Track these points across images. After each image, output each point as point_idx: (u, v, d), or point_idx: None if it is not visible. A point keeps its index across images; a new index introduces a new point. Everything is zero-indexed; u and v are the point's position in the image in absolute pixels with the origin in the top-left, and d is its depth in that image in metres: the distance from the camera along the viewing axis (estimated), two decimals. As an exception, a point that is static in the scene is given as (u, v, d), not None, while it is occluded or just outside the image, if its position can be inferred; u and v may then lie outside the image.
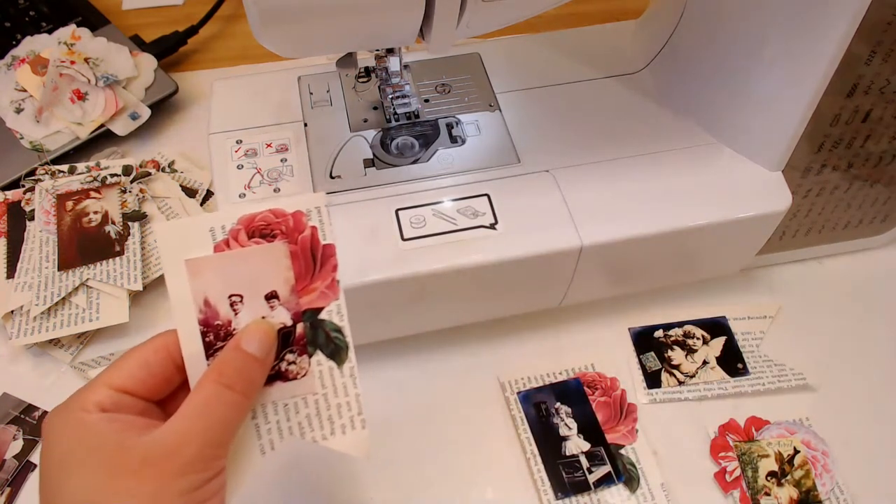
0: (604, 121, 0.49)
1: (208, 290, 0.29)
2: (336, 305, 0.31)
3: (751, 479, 0.45)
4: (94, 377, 0.30)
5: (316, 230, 0.30)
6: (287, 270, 0.30)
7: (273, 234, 0.30)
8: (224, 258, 0.29)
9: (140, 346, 0.30)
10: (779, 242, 0.52)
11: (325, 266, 0.30)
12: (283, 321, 0.30)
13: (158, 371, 0.30)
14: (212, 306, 0.29)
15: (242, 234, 0.30)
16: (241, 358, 0.29)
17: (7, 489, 0.45)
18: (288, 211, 0.30)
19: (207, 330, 0.29)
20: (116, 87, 0.59)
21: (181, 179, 0.57)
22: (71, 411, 0.28)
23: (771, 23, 0.41)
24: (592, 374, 0.49)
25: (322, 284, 0.30)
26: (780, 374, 0.50)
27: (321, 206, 0.30)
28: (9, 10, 0.65)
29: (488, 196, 0.44)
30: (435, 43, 0.37)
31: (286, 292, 0.30)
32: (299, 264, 0.30)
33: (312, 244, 0.30)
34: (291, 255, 0.30)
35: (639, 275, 0.49)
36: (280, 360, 0.30)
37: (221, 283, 0.29)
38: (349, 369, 0.31)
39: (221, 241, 0.29)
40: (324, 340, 0.31)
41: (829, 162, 0.47)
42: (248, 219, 0.30)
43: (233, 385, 0.28)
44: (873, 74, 0.42)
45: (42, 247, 0.51)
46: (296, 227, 0.30)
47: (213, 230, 0.29)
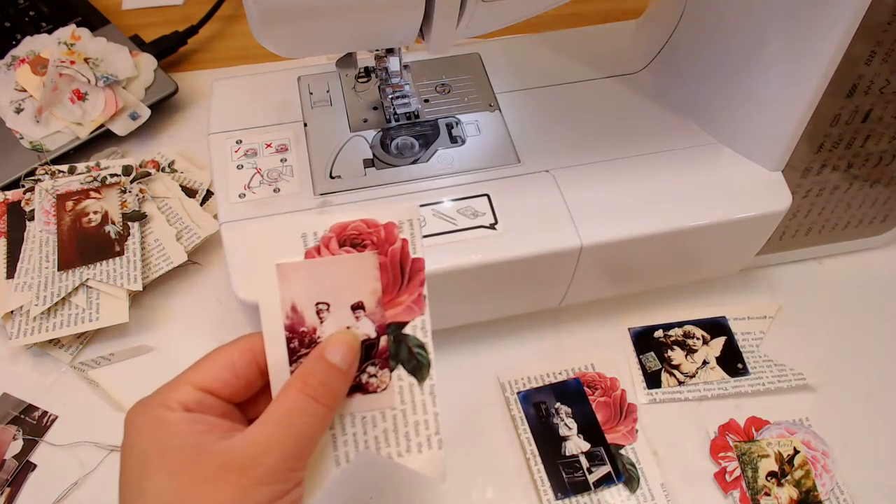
0: (604, 121, 0.49)
1: (296, 296, 0.29)
2: (421, 321, 0.30)
3: (751, 480, 0.45)
4: (179, 375, 0.29)
5: (406, 243, 0.30)
6: (375, 282, 0.29)
7: (364, 243, 0.29)
8: (314, 265, 0.29)
9: (226, 347, 0.30)
10: (779, 242, 0.52)
11: (413, 280, 0.30)
12: (367, 333, 0.30)
13: (243, 374, 0.29)
14: (298, 312, 0.29)
15: (334, 242, 0.29)
16: (326, 368, 0.29)
17: (7, 489, 0.45)
18: (381, 221, 0.29)
19: (293, 336, 0.29)
20: (116, 87, 0.59)
21: (181, 179, 0.57)
22: (153, 407, 0.28)
23: (771, 23, 0.41)
24: (592, 374, 0.49)
25: (409, 298, 0.30)
26: (780, 374, 0.50)
27: (414, 218, 0.30)
28: (9, 10, 0.65)
29: (488, 196, 0.44)
30: (435, 43, 0.37)
31: (372, 304, 0.30)
32: (387, 276, 0.30)
33: (402, 257, 0.30)
34: (380, 267, 0.30)
35: (639, 275, 0.49)
36: (361, 373, 0.30)
37: (309, 290, 0.29)
38: (429, 387, 0.31)
39: (312, 248, 0.29)
40: (406, 355, 0.30)
41: (829, 162, 0.47)
42: (341, 227, 0.29)
43: (317, 396, 0.28)
44: (873, 74, 0.42)
45: (42, 247, 0.51)
46: (387, 238, 0.30)
47: (304, 236, 0.29)
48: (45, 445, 0.46)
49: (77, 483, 0.45)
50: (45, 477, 0.45)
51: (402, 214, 0.30)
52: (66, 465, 0.46)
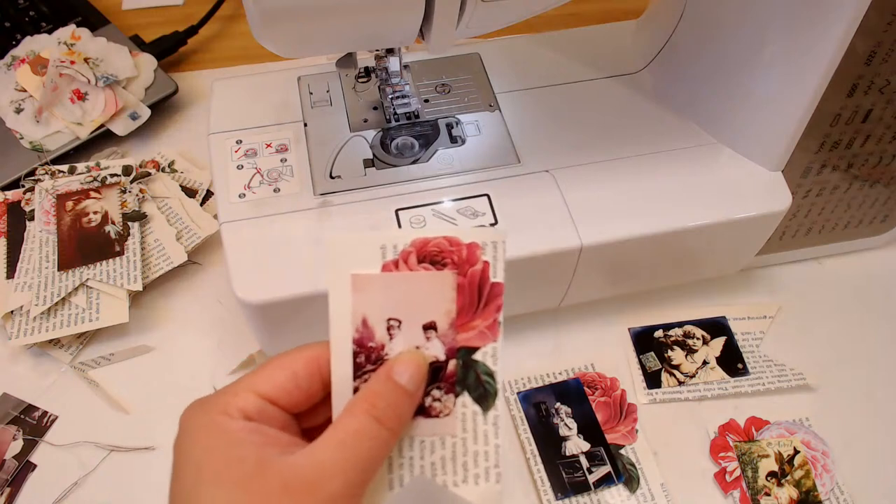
0: (604, 121, 0.49)
1: (368, 310, 0.28)
2: (492, 348, 0.29)
3: (751, 480, 0.45)
4: (240, 380, 0.28)
5: (488, 266, 0.29)
6: (451, 303, 0.28)
7: (444, 262, 0.28)
8: (391, 279, 0.28)
9: (289, 356, 0.29)
10: (779, 242, 0.52)
11: (490, 305, 0.29)
12: (436, 355, 0.29)
13: (305, 384, 0.28)
14: (369, 327, 0.28)
15: (413, 258, 0.28)
16: (394, 390, 0.28)
17: (7, 489, 0.45)
18: (464, 241, 0.28)
19: (360, 350, 0.28)
20: (116, 87, 0.59)
21: (181, 179, 0.57)
22: (212, 412, 0.27)
23: (771, 23, 0.41)
24: (592, 374, 0.49)
25: (483, 323, 0.29)
26: (780, 374, 0.50)
27: (500, 241, 0.28)
28: (9, 10, 0.65)
29: (488, 196, 0.44)
30: (435, 43, 0.37)
31: (445, 325, 0.29)
32: (464, 298, 0.29)
33: (482, 280, 0.29)
34: (458, 288, 0.29)
35: (639, 275, 0.49)
36: (425, 395, 0.29)
37: (383, 305, 0.28)
38: (493, 417, 0.29)
39: (391, 262, 0.28)
40: (473, 382, 0.29)
41: (829, 162, 0.47)
42: (422, 242, 0.28)
43: (383, 419, 0.27)
44: (873, 74, 0.42)
45: (42, 247, 0.51)
46: (468, 258, 0.28)
47: (384, 248, 0.28)
48: (45, 445, 0.46)
49: (77, 483, 0.45)
50: (45, 477, 0.45)
51: (487, 236, 0.29)
52: (66, 465, 0.46)
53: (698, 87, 0.48)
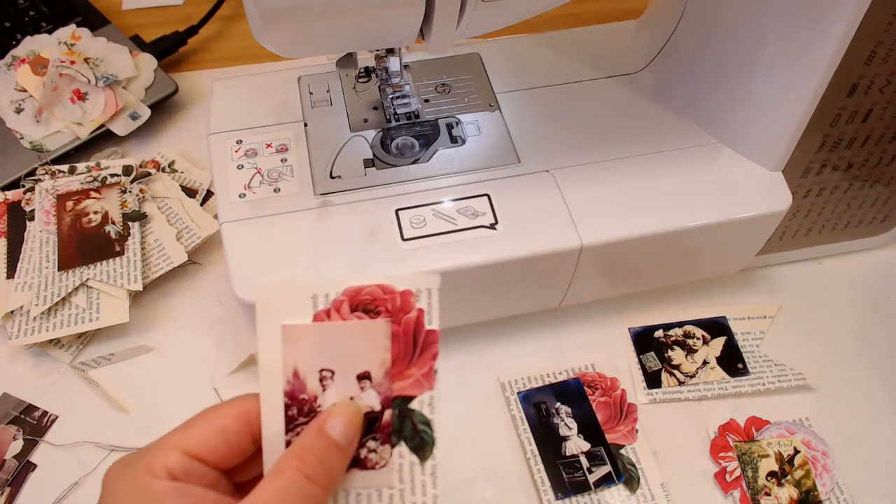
0: (604, 121, 0.49)
1: (300, 361, 0.27)
2: (429, 396, 0.29)
3: (751, 480, 0.45)
4: (167, 436, 0.27)
5: (422, 313, 0.28)
6: (385, 352, 0.28)
7: (378, 310, 0.28)
8: (323, 329, 0.27)
9: (218, 409, 0.28)
10: (779, 242, 0.52)
11: (426, 353, 0.28)
12: (371, 405, 0.28)
13: (235, 440, 0.27)
14: (300, 378, 0.27)
15: (345, 307, 0.28)
16: (325, 445, 0.27)
17: (7, 489, 0.45)
18: (398, 288, 0.28)
19: (291, 403, 0.27)
20: (116, 87, 0.59)
21: (181, 179, 0.57)
22: (137, 472, 0.26)
23: (771, 23, 0.41)
24: (592, 374, 0.49)
25: (418, 372, 0.28)
26: (780, 374, 0.50)
27: (434, 288, 0.28)
28: (9, 10, 0.65)
29: (488, 196, 0.44)
30: (435, 43, 0.37)
31: (380, 375, 0.28)
32: (398, 347, 0.28)
33: (417, 327, 0.28)
34: (392, 336, 0.28)
35: (639, 275, 0.49)
36: (361, 447, 0.28)
37: (314, 356, 0.27)
38: (431, 467, 0.29)
39: (322, 311, 0.27)
40: (410, 432, 0.29)
41: (829, 162, 0.47)
42: (355, 291, 0.28)
43: (314, 476, 0.26)
44: (873, 74, 0.42)
45: (42, 247, 0.51)
46: (402, 306, 0.28)
47: (315, 297, 0.27)
48: (45, 445, 0.46)
49: (77, 483, 0.45)
50: (45, 477, 0.45)
51: (421, 283, 0.28)
52: (66, 465, 0.46)
53: (698, 87, 0.48)
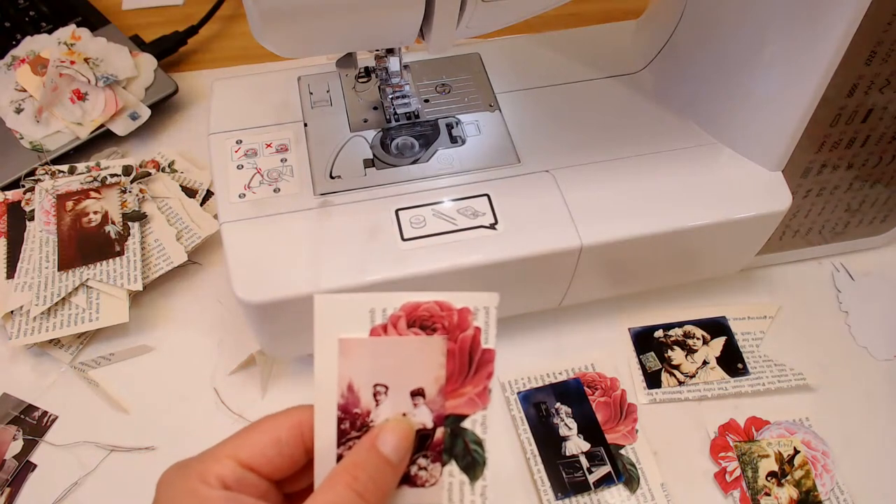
0: (604, 121, 0.49)
1: (355, 375, 0.27)
2: (482, 416, 0.28)
3: (751, 480, 0.45)
4: (222, 444, 0.27)
5: (479, 332, 0.28)
6: (440, 369, 0.28)
7: (434, 327, 0.28)
8: (379, 344, 0.27)
9: (272, 420, 0.28)
10: (779, 242, 0.52)
11: (480, 372, 0.28)
12: (423, 422, 0.28)
13: (288, 451, 0.27)
14: (354, 392, 0.27)
15: (402, 322, 0.28)
16: (376, 461, 0.27)
17: (7, 489, 0.45)
18: (455, 306, 0.28)
19: (344, 417, 0.27)
20: (116, 87, 0.59)
21: (181, 179, 0.57)
22: (191, 478, 0.26)
23: (770, 23, 0.41)
24: (592, 374, 0.49)
25: (472, 390, 0.28)
26: (780, 374, 0.50)
27: (492, 307, 0.28)
28: (9, 10, 0.65)
29: (488, 196, 0.44)
30: (435, 43, 0.37)
31: (433, 392, 0.28)
32: (453, 364, 0.28)
33: (472, 346, 0.28)
34: (448, 354, 0.28)
35: (639, 275, 0.49)
36: (411, 464, 0.28)
37: (370, 370, 0.27)
38: (481, 487, 0.29)
39: (379, 326, 0.27)
40: (461, 451, 0.28)
41: (829, 162, 0.47)
42: (412, 307, 0.28)
43: (364, 493, 0.26)
44: (873, 74, 0.42)
45: (42, 247, 0.51)
46: (459, 324, 0.28)
47: (373, 311, 0.27)
48: (45, 445, 0.46)
49: (77, 483, 0.45)
50: (45, 477, 0.45)
51: (479, 300, 0.28)
52: (66, 465, 0.46)
53: (698, 87, 0.48)
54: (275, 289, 0.40)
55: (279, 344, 0.46)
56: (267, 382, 0.49)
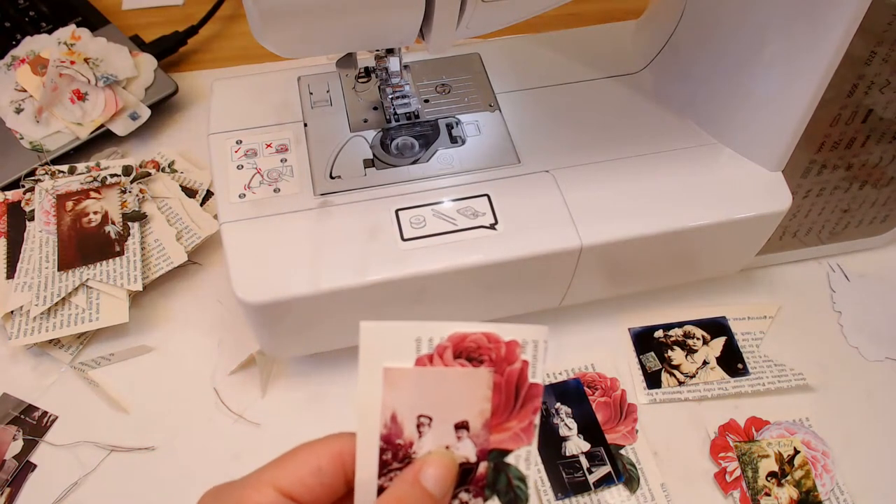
0: (604, 121, 0.49)
1: (399, 405, 0.27)
2: (526, 451, 0.28)
3: (751, 480, 0.45)
4: (263, 470, 0.27)
5: (527, 365, 0.27)
6: (486, 402, 0.27)
7: (481, 359, 0.27)
8: (425, 374, 0.27)
9: (314, 447, 0.27)
10: (779, 242, 0.52)
11: (527, 406, 0.27)
12: (466, 456, 0.27)
13: (328, 481, 0.27)
14: (398, 423, 0.27)
15: (449, 353, 0.27)
16: (418, 495, 0.26)
17: (7, 489, 0.45)
18: (504, 338, 0.27)
19: (386, 447, 0.27)
20: (116, 87, 0.59)
21: (181, 179, 0.57)
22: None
23: (771, 23, 0.41)
24: (592, 374, 0.49)
25: (518, 425, 0.27)
26: (780, 374, 0.50)
27: (541, 340, 0.27)
28: (9, 10, 0.64)
29: (488, 196, 0.44)
30: (435, 43, 0.37)
31: (478, 425, 0.27)
32: (499, 398, 0.27)
33: (520, 379, 0.27)
34: (494, 387, 0.27)
35: (639, 275, 0.49)
36: (453, 498, 0.27)
37: (414, 401, 0.27)
38: None
39: (425, 356, 0.27)
40: (504, 486, 0.28)
41: (830, 162, 0.47)
42: (460, 337, 0.27)
43: None
44: (873, 74, 0.42)
45: (42, 247, 0.51)
46: (507, 356, 0.27)
47: (419, 341, 0.27)
48: (45, 445, 0.46)
49: (77, 483, 0.45)
50: (45, 477, 0.45)
51: (528, 334, 0.27)
52: (66, 465, 0.46)
53: (698, 87, 0.48)
54: (275, 289, 0.40)
55: (279, 344, 0.46)
56: (267, 382, 0.49)
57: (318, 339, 0.46)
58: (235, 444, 0.47)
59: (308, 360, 0.50)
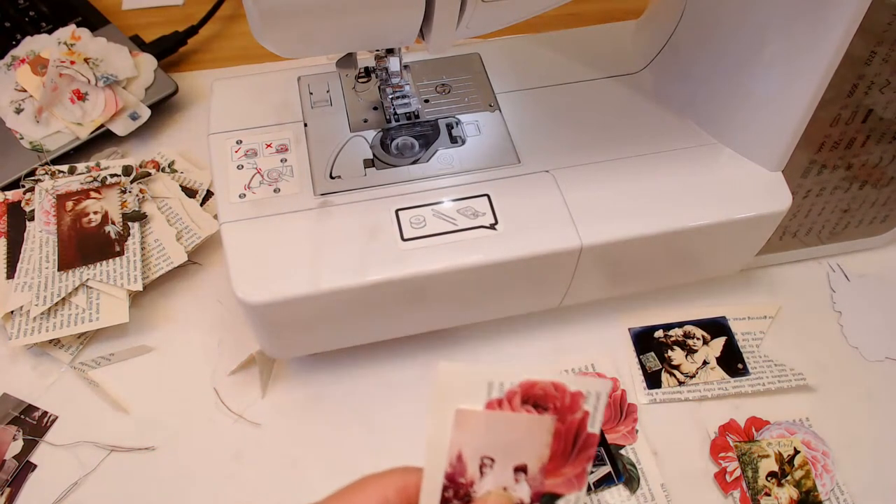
0: (604, 121, 0.49)
1: (465, 445, 0.28)
2: (575, 497, 0.29)
3: (751, 480, 0.45)
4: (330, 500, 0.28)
5: (587, 416, 0.28)
6: (546, 448, 0.28)
7: (547, 406, 0.28)
8: (493, 417, 0.28)
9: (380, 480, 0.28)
10: (779, 242, 0.52)
11: (582, 455, 0.29)
12: (522, 498, 0.28)
13: None
14: (463, 462, 0.28)
15: (517, 399, 0.28)
16: None
17: (7, 489, 0.45)
18: (570, 388, 0.28)
19: (449, 485, 0.28)
20: (116, 87, 0.59)
21: (181, 179, 0.57)
22: None
23: (771, 23, 0.41)
24: (592, 374, 0.49)
25: (572, 472, 0.29)
26: (780, 374, 0.50)
27: (603, 392, 0.28)
28: (9, 10, 0.65)
29: (488, 196, 0.44)
30: (435, 43, 0.37)
31: (536, 469, 0.28)
32: (558, 444, 0.28)
33: (579, 428, 0.28)
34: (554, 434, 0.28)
35: (639, 275, 0.49)
36: None
37: (480, 442, 0.28)
38: None
39: (495, 399, 0.28)
40: None
41: (830, 162, 0.47)
42: (529, 385, 0.28)
43: None
44: (873, 74, 0.42)
45: (42, 247, 0.51)
46: (571, 406, 0.28)
47: (491, 384, 0.28)
48: (45, 445, 0.46)
49: (77, 483, 0.45)
50: (45, 477, 0.45)
51: (592, 386, 0.28)
52: (66, 465, 0.46)
53: (698, 87, 0.48)
54: (275, 289, 0.40)
55: (279, 344, 0.46)
56: (267, 382, 0.49)
57: (318, 339, 0.46)
58: (235, 444, 0.47)
59: (308, 360, 0.50)
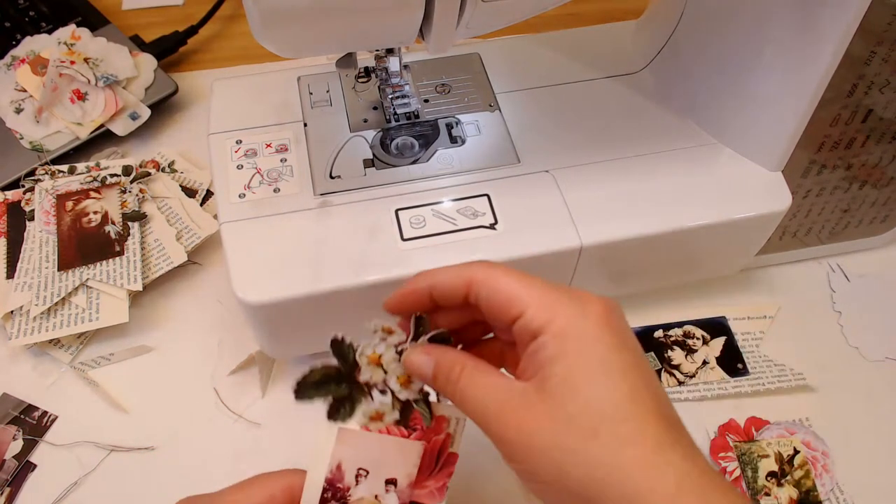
0: (604, 121, 0.49)
1: (344, 458, 0.32)
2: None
3: (751, 480, 0.45)
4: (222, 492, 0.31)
5: (450, 437, 0.33)
6: (413, 467, 0.33)
7: (416, 427, 0.33)
8: (369, 438, 0.33)
9: (270, 478, 0.32)
10: (779, 242, 0.52)
11: (443, 471, 0.33)
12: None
13: None
14: (341, 471, 0.32)
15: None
16: None
17: (7, 489, 0.45)
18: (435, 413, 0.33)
19: (328, 488, 0.32)
20: (116, 87, 0.59)
21: (181, 179, 0.57)
22: None
23: (771, 23, 0.41)
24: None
25: (434, 485, 0.33)
26: (780, 374, 0.50)
27: (462, 418, 0.33)
28: (9, 10, 0.65)
29: (488, 196, 0.44)
30: (435, 43, 0.37)
31: (404, 483, 0.33)
32: (424, 461, 0.33)
33: (442, 448, 0.33)
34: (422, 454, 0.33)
35: (639, 275, 0.49)
36: None
37: (357, 456, 0.32)
38: None
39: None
40: None
41: (830, 162, 0.47)
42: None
43: None
44: (873, 74, 0.42)
45: (42, 247, 0.51)
46: (435, 428, 0.33)
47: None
48: (45, 445, 0.46)
49: (77, 483, 0.45)
50: (45, 477, 0.45)
51: (453, 412, 0.33)
52: (66, 465, 0.46)
53: (698, 87, 0.48)
54: (275, 289, 0.40)
55: (279, 344, 0.46)
56: (267, 382, 0.49)
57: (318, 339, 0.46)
58: (235, 444, 0.47)
59: (308, 360, 0.50)
